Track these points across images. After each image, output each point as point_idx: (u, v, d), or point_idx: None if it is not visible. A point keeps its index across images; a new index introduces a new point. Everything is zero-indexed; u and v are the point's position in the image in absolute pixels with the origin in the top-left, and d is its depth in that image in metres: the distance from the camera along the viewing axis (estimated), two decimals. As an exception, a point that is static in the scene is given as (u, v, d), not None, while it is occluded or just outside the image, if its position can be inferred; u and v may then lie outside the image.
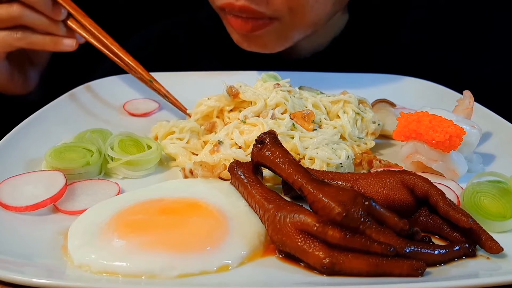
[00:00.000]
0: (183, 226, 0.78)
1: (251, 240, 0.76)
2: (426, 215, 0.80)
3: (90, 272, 0.71)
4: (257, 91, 1.07)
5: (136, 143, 1.01)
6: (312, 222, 0.71)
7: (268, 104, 1.04)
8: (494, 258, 0.75)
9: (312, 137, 0.99)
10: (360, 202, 0.72)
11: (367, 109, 1.11)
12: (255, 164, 0.88)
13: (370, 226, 0.71)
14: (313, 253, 0.70)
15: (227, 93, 1.06)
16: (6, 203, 0.84)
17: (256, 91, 1.07)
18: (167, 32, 1.58)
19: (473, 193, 0.85)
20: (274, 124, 0.99)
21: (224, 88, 1.07)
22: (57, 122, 1.12)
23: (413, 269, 0.69)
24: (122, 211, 0.81)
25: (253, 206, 0.82)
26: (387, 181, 0.82)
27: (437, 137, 0.91)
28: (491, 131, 1.10)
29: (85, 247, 0.74)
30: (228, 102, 1.07)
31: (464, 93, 1.11)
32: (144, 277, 0.70)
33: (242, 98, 1.06)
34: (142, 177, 0.97)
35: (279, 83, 1.10)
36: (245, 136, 0.99)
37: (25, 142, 1.02)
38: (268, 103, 1.04)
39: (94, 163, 0.95)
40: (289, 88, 1.08)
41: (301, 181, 0.79)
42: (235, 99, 1.06)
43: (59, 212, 0.85)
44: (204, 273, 0.71)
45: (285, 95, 1.05)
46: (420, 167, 0.95)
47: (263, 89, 1.09)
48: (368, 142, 1.06)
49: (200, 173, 0.92)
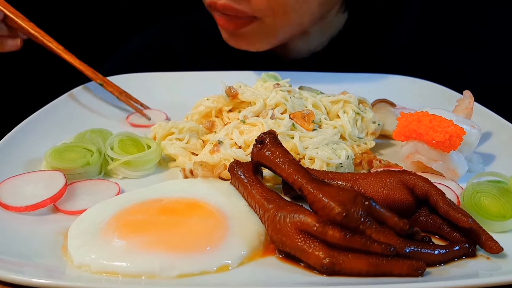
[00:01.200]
0: (183, 226, 0.78)
1: (251, 240, 0.76)
2: (426, 215, 0.80)
3: (90, 272, 0.71)
4: (257, 91, 1.07)
5: (136, 143, 1.01)
6: (312, 222, 0.71)
7: (267, 104, 1.04)
8: (494, 258, 0.75)
9: (312, 137, 0.99)
10: (360, 202, 0.72)
11: (367, 109, 1.11)
12: (255, 164, 0.88)
13: (370, 226, 0.71)
14: (313, 253, 0.70)
15: (225, 94, 1.06)
16: (6, 203, 0.84)
17: (256, 91, 1.07)
18: (166, 32, 1.58)
19: (473, 193, 0.85)
20: (274, 124, 0.99)
21: (223, 88, 1.07)
22: (57, 122, 1.12)
23: (413, 269, 0.69)
24: (122, 211, 0.81)
25: (253, 206, 0.82)
26: (387, 181, 0.82)
27: (437, 137, 0.91)
28: (491, 131, 1.10)
29: (85, 247, 0.74)
30: (227, 102, 1.07)
31: (464, 93, 1.11)
32: (144, 277, 0.70)
33: (241, 99, 1.06)
34: (142, 177, 0.97)
35: (279, 83, 1.10)
36: (245, 136, 0.99)
37: (25, 142, 1.02)
38: (268, 103, 1.04)
39: (94, 163, 0.95)
40: (289, 88, 1.09)
41: (301, 181, 0.79)
42: (234, 100, 1.06)
43: (59, 212, 0.85)
44: (204, 273, 0.71)
45: (284, 95, 1.05)
46: (420, 167, 0.95)
47: (263, 89, 1.10)
48: (368, 142, 1.06)
49: (200, 173, 0.92)
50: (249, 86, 1.11)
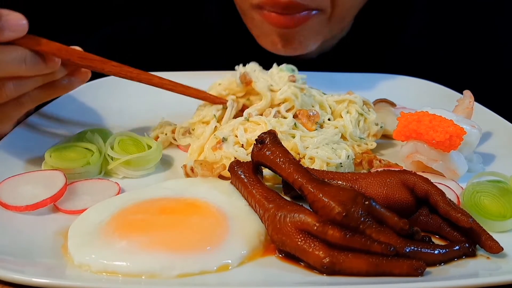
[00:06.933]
0: (183, 225, 0.78)
1: (251, 240, 0.76)
2: (426, 215, 0.80)
3: (90, 271, 0.71)
4: (271, 79, 1.06)
5: (136, 142, 1.01)
6: (312, 221, 0.71)
7: (278, 98, 1.03)
8: (494, 258, 0.74)
9: (313, 137, 0.99)
10: (360, 201, 0.72)
11: (371, 111, 1.10)
12: (255, 163, 0.88)
13: (370, 225, 0.71)
14: (313, 253, 0.70)
15: (239, 81, 1.05)
16: (6, 202, 0.84)
17: (270, 79, 1.06)
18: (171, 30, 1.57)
19: (473, 193, 0.85)
20: (276, 123, 0.99)
21: (238, 74, 1.06)
22: (57, 122, 1.13)
23: (413, 268, 0.69)
24: (122, 211, 0.81)
25: (253, 206, 0.82)
26: (387, 181, 0.82)
27: (437, 137, 0.91)
28: (491, 131, 1.10)
29: (85, 246, 0.74)
30: (240, 89, 1.06)
31: (464, 93, 1.11)
32: (144, 276, 0.70)
33: (253, 87, 1.04)
34: (142, 176, 0.97)
35: (294, 75, 1.09)
36: (248, 135, 0.98)
37: (25, 142, 1.02)
38: (278, 96, 1.03)
39: (94, 163, 0.95)
40: (302, 85, 1.07)
41: (301, 181, 0.79)
42: (247, 87, 1.05)
43: (59, 211, 0.85)
44: (204, 272, 0.71)
45: (296, 91, 1.04)
46: (420, 167, 0.95)
47: (277, 78, 1.08)
48: (369, 143, 1.06)
49: (199, 172, 0.92)
50: (264, 71, 1.09)
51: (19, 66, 0.89)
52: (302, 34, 1.25)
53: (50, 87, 0.97)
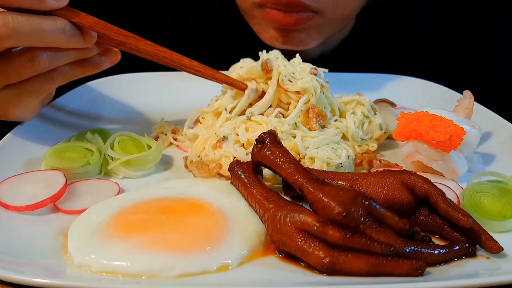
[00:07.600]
0: (183, 226, 0.78)
1: (251, 240, 0.76)
2: (426, 215, 0.80)
3: (90, 271, 0.71)
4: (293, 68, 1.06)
5: (136, 143, 1.01)
6: (312, 221, 0.71)
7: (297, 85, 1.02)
8: (494, 258, 0.75)
9: (313, 137, 0.99)
10: (360, 201, 0.72)
11: (377, 115, 1.10)
12: (255, 163, 0.88)
13: (370, 225, 0.71)
14: (313, 253, 0.70)
15: (260, 67, 1.05)
16: (6, 202, 0.84)
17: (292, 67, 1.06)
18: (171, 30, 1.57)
19: (473, 193, 0.85)
20: (278, 123, 0.99)
21: (260, 60, 1.06)
22: (57, 122, 1.12)
23: (413, 269, 0.69)
24: (122, 211, 0.81)
25: (253, 206, 0.82)
26: (387, 181, 0.82)
27: (437, 137, 0.91)
28: (491, 131, 1.10)
29: (85, 246, 0.74)
30: (260, 75, 1.06)
31: (464, 93, 1.11)
32: (144, 276, 0.70)
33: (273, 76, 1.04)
34: (142, 176, 0.97)
35: (316, 68, 1.08)
36: (249, 134, 0.98)
37: (25, 142, 1.02)
38: (298, 84, 1.03)
39: (94, 163, 0.95)
40: (324, 82, 1.07)
41: (301, 181, 0.79)
42: (267, 74, 1.05)
43: (59, 211, 0.85)
44: (204, 272, 0.71)
45: (317, 86, 1.03)
46: (420, 167, 0.95)
47: (299, 67, 1.08)
48: (370, 145, 1.06)
49: (197, 174, 0.93)
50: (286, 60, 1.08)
51: (59, 36, 0.89)
52: (302, 33, 1.25)
53: (81, 64, 0.98)
